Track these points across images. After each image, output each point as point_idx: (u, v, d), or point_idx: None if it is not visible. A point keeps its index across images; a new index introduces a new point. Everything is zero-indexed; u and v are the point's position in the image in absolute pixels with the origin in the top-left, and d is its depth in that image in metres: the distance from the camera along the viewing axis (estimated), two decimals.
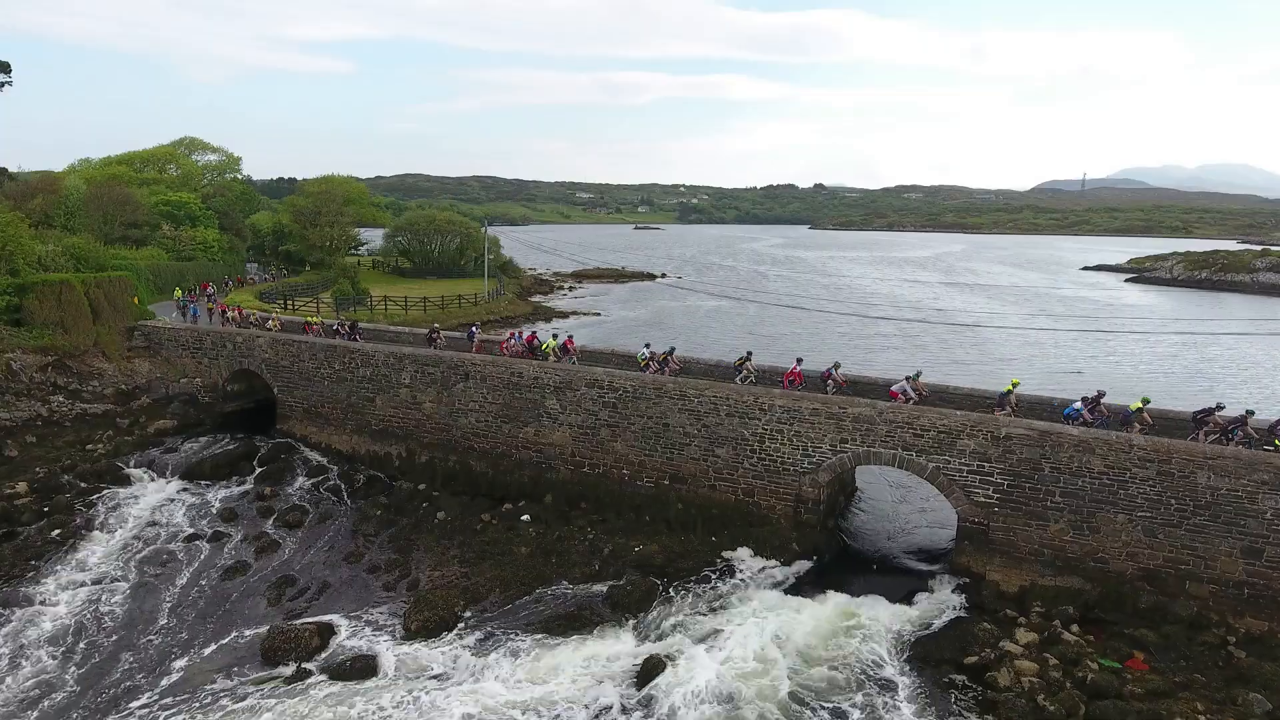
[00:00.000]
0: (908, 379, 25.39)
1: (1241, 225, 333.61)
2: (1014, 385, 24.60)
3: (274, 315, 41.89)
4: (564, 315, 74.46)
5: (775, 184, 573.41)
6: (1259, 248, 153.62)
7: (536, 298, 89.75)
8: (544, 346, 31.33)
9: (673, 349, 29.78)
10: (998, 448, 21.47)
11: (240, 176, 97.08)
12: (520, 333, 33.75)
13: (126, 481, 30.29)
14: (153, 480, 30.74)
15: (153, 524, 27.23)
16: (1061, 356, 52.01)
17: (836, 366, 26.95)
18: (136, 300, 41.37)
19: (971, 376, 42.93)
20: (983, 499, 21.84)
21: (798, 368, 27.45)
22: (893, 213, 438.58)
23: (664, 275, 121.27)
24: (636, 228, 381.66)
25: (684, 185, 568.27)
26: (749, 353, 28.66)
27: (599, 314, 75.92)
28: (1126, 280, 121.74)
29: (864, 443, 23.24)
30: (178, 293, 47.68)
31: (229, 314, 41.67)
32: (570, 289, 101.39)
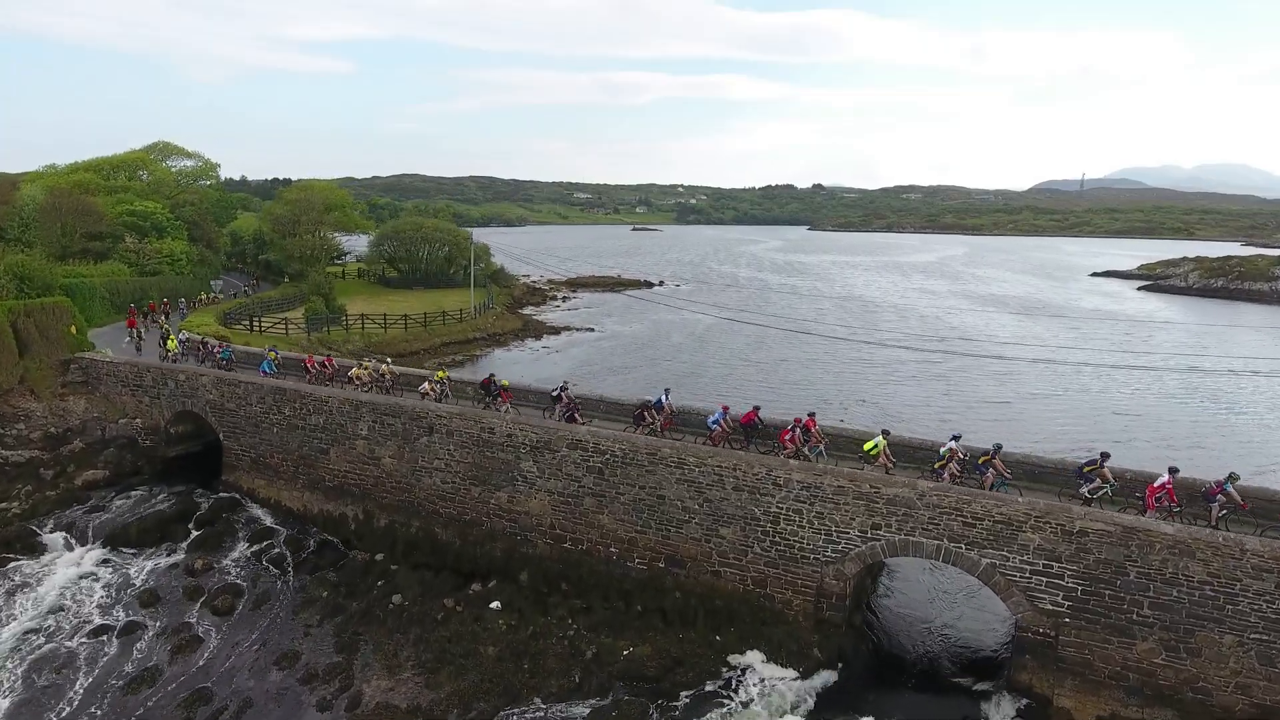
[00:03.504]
0: None
1: (1243, 227, 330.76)
2: None
3: (378, 364, 30.31)
4: (556, 331, 70.32)
5: (774, 184, 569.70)
6: (1271, 252, 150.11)
7: (528, 309, 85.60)
8: (870, 450, 21.02)
9: (999, 446, 20.34)
10: (1070, 544, 17.42)
11: (219, 180, 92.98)
12: (726, 409, 23.52)
13: (39, 550, 26.31)
14: (70, 548, 26.68)
15: (59, 610, 23.16)
16: (1100, 392, 46.83)
17: (1232, 479, 17.91)
18: (74, 330, 37.15)
19: (1009, 425, 38.55)
20: (1050, 606, 17.79)
21: (1169, 481, 18.11)
22: (892, 213, 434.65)
23: (661, 283, 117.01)
24: (634, 229, 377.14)
25: (682, 185, 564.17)
26: (1104, 453, 19.66)
27: (593, 329, 71.85)
28: (1140, 288, 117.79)
29: (901, 529, 19.19)
30: (172, 343, 34.75)
31: (314, 366, 30.42)
32: (564, 299, 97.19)
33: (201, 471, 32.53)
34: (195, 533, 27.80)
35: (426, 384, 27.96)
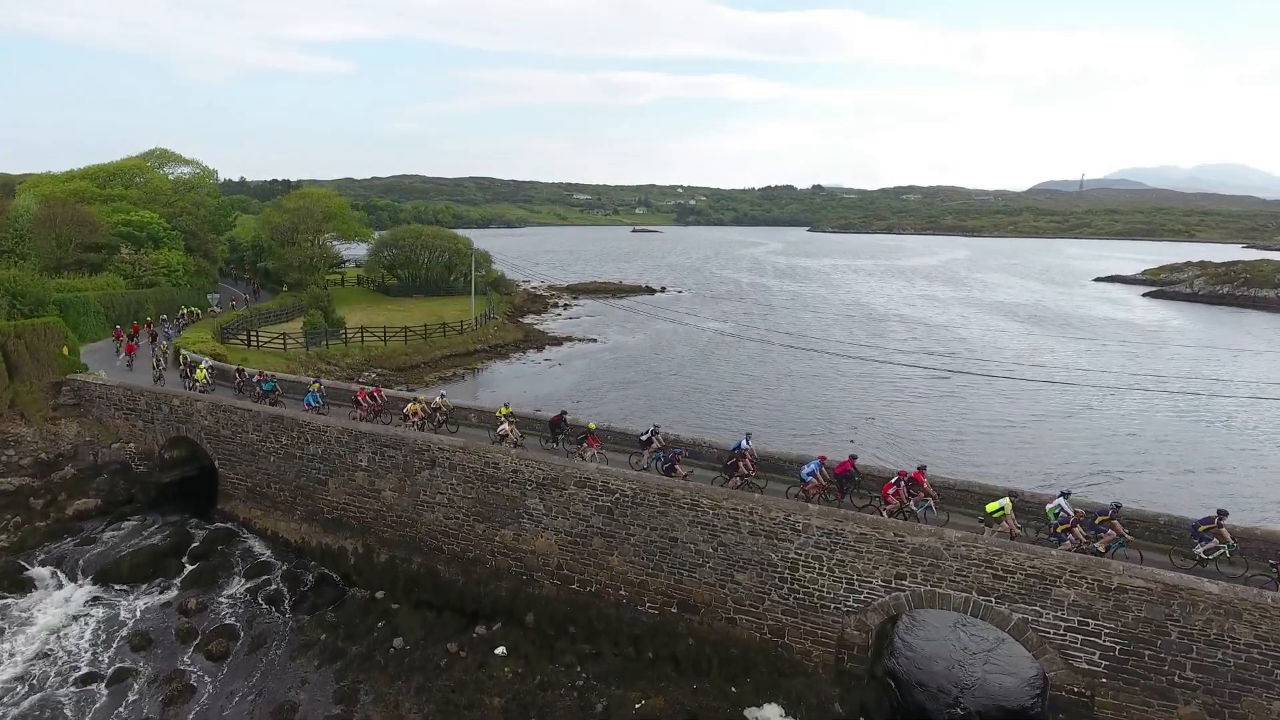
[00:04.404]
0: None
1: (1244, 228, 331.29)
2: None
3: (431, 398, 29.19)
4: (558, 341, 69.40)
5: (773, 185, 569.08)
6: (1275, 256, 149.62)
7: (529, 318, 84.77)
8: (994, 512, 19.16)
9: (1118, 505, 19.04)
10: (1107, 601, 16.56)
11: (216, 186, 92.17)
12: (823, 459, 22.37)
13: (27, 588, 25.40)
14: (60, 586, 25.77)
15: (45, 656, 22.28)
16: (1114, 413, 45.07)
17: None
18: (66, 350, 36.23)
19: (1024, 450, 37.40)
20: (1085, 665, 16.92)
21: None
22: (891, 214, 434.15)
23: (663, 289, 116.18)
24: (634, 230, 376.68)
25: (682, 186, 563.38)
26: (1222, 511, 18.23)
27: (595, 339, 70.95)
28: (1145, 295, 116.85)
29: (927, 580, 18.32)
30: (201, 373, 33.44)
31: (367, 402, 29.15)
32: (565, 307, 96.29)
33: (197, 498, 31.65)
34: (189, 567, 26.92)
35: (506, 425, 25.68)
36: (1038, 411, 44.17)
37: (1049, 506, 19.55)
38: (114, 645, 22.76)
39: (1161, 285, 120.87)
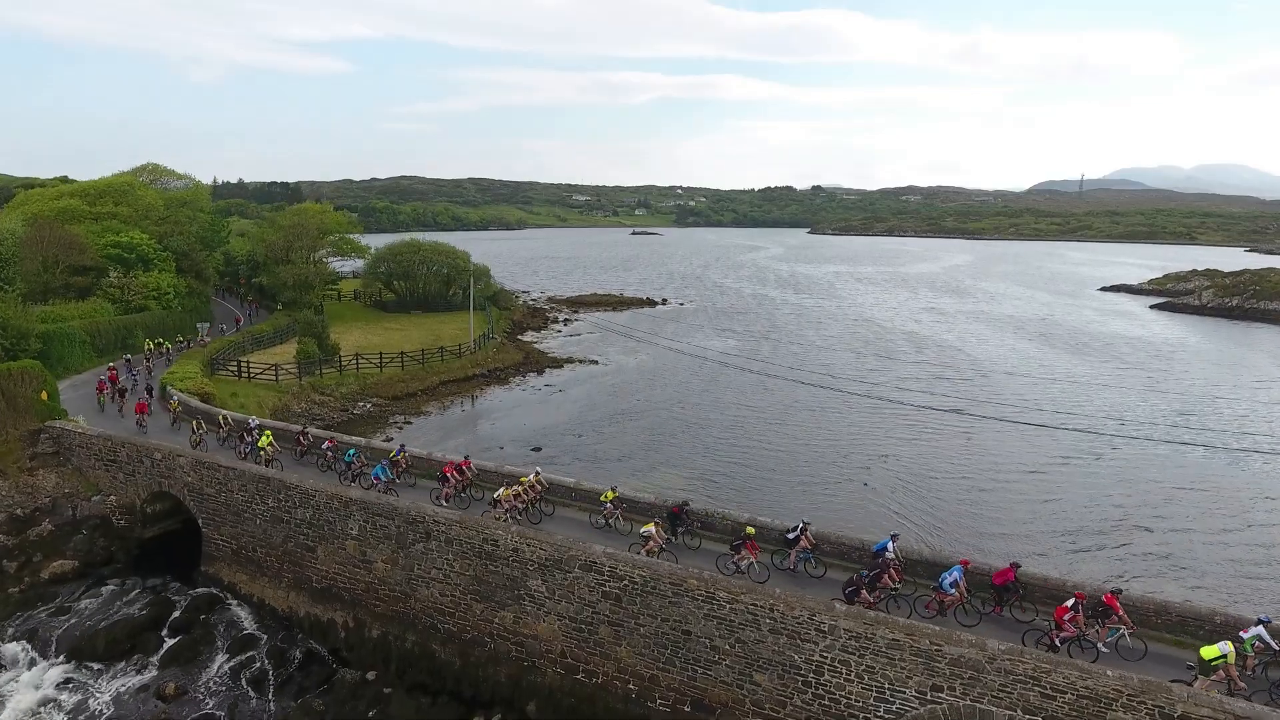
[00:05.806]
0: None
1: (1245, 231, 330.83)
2: None
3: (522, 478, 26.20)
4: (558, 363, 67.75)
5: (773, 186, 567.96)
6: None
7: (529, 335, 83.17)
8: (1212, 660, 16.09)
9: None
10: None
11: (210, 189, 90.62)
12: (966, 563, 20.42)
13: None
14: (32, 663, 24.25)
15: None
16: (1139, 456, 42.58)
17: None
18: (45, 396, 34.64)
19: (1053, 505, 35.29)
20: None
21: None
22: (892, 216, 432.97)
23: (664, 301, 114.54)
24: (634, 232, 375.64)
25: (681, 187, 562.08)
26: None
27: (597, 361, 69.34)
28: (1153, 306, 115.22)
29: (966, 694, 16.77)
30: (266, 439, 30.37)
31: (455, 477, 26.43)
32: (565, 322, 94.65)
33: (180, 557, 30.06)
34: (169, 642, 25.29)
35: (653, 525, 22.30)
36: (1057, 453, 42.19)
37: (1245, 636, 16.90)
38: None
39: (1169, 296, 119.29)
